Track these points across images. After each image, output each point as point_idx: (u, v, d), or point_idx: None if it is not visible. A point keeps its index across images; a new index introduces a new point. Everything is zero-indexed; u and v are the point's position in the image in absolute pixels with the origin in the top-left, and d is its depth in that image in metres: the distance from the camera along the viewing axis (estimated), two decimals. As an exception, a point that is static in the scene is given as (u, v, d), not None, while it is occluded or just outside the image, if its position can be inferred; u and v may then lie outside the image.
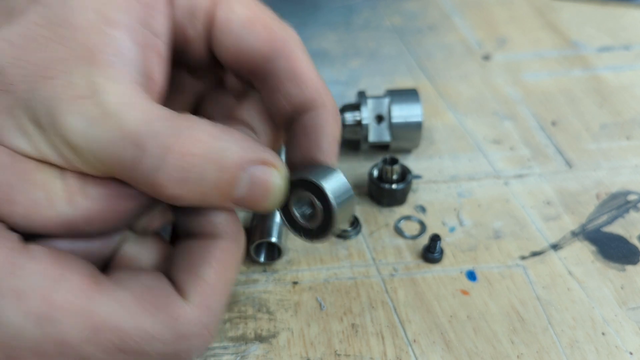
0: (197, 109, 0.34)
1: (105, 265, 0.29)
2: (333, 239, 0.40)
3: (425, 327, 0.35)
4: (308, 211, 0.28)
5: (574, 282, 0.37)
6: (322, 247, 0.40)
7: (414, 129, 0.45)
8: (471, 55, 0.59)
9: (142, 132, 0.24)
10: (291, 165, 0.29)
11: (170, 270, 0.27)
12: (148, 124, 0.24)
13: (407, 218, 0.42)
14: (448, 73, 0.56)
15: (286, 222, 0.29)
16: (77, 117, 0.24)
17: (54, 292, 0.23)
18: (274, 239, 0.37)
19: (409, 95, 0.45)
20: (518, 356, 0.33)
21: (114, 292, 0.24)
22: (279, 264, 0.39)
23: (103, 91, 0.24)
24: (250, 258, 0.39)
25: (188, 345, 0.25)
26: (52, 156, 0.25)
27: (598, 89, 0.54)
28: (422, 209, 0.43)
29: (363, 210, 0.43)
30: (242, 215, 0.42)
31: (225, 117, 0.32)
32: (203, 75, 0.34)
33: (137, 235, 0.29)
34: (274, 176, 0.26)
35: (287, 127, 0.31)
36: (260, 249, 0.39)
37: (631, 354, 0.33)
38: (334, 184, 0.27)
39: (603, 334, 0.35)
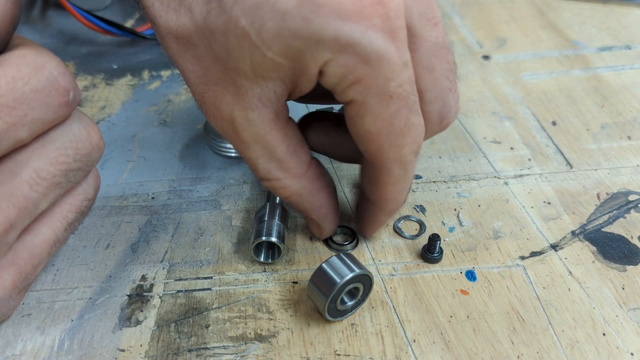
0: None
1: None
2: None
3: (424, 327, 0.35)
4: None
5: (574, 282, 0.37)
6: (322, 247, 0.40)
7: (414, 129, 0.45)
8: (471, 55, 0.59)
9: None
10: None
11: None
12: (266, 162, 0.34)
13: (407, 218, 0.42)
14: (448, 73, 0.56)
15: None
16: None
17: None
18: (274, 239, 0.37)
19: (408, 95, 0.45)
20: (518, 356, 0.33)
21: None
22: (279, 264, 0.39)
23: (239, 124, 0.32)
24: (250, 258, 0.39)
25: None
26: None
27: (598, 89, 0.54)
28: (422, 209, 0.43)
29: (363, 210, 0.43)
30: (242, 215, 0.42)
31: None
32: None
33: None
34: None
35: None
36: (260, 249, 0.39)
37: (632, 354, 0.33)
38: None
39: (604, 334, 0.34)
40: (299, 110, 0.42)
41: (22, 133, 0.27)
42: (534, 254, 0.39)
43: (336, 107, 0.47)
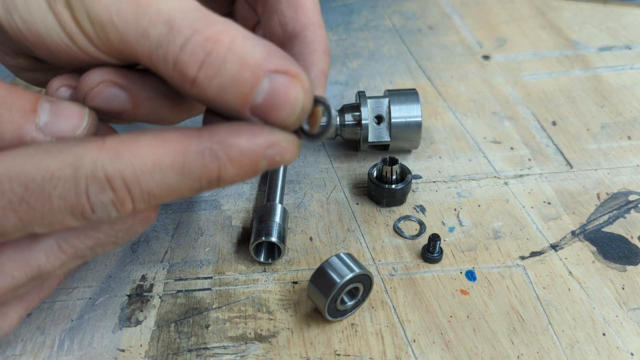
0: None
1: None
2: (331, 242, 0.40)
3: (424, 327, 0.35)
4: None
5: (574, 282, 0.37)
6: (322, 247, 0.40)
7: (414, 129, 0.45)
8: (471, 55, 0.59)
9: (174, 12, 0.24)
10: None
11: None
12: (182, 8, 0.25)
13: (407, 218, 0.42)
14: (448, 73, 0.56)
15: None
16: None
17: None
18: (274, 239, 0.37)
19: (408, 95, 0.45)
20: (518, 356, 0.33)
21: (22, 149, 0.25)
22: (279, 264, 0.39)
23: None
24: (250, 258, 0.39)
25: (87, 189, 0.25)
26: (77, 34, 0.26)
27: (598, 89, 0.54)
28: (422, 209, 0.43)
29: (363, 210, 0.43)
30: (242, 215, 0.42)
31: None
32: (217, 3, 0.34)
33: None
34: (295, 89, 0.25)
35: None
36: (260, 249, 0.39)
37: (632, 354, 0.33)
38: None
39: (604, 334, 0.34)
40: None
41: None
42: (534, 254, 0.39)
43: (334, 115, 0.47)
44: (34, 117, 0.26)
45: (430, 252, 0.39)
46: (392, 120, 0.45)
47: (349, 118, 0.45)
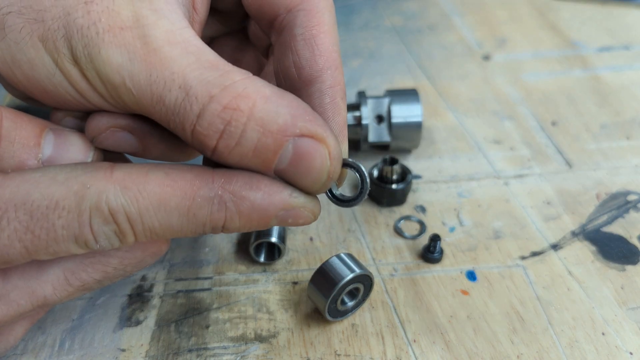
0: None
1: None
2: (331, 242, 0.40)
3: (425, 327, 0.35)
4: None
5: (574, 282, 0.37)
6: (322, 247, 0.40)
7: (414, 129, 0.45)
8: (471, 55, 0.59)
9: (190, 75, 0.22)
10: None
11: None
12: (197, 69, 0.23)
13: (407, 218, 0.42)
14: (448, 73, 0.56)
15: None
16: (117, 49, 0.22)
17: None
18: (274, 239, 0.37)
19: (408, 95, 0.45)
20: (518, 356, 0.33)
21: (28, 174, 0.24)
22: (279, 264, 0.39)
23: (148, 23, 0.23)
24: (250, 258, 0.39)
25: (90, 220, 0.24)
26: (88, 92, 0.24)
27: (598, 89, 0.54)
28: (422, 209, 0.43)
29: (363, 210, 0.43)
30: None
31: None
32: (228, 22, 0.32)
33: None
34: (321, 154, 0.24)
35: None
36: (260, 249, 0.39)
37: (631, 354, 0.33)
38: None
39: (603, 334, 0.35)
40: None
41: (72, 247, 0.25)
42: (534, 254, 0.39)
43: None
44: (37, 151, 0.25)
45: (431, 252, 0.39)
46: (393, 120, 0.45)
47: (349, 118, 0.45)
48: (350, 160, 0.26)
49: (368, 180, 0.27)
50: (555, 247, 0.40)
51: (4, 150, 0.25)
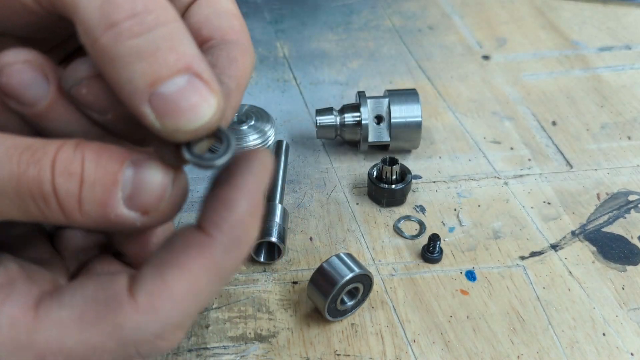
0: None
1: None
2: (331, 242, 0.40)
3: (424, 327, 0.35)
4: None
5: (574, 282, 0.37)
6: (322, 247, 0.40)
7: (414, 129, 0.45)
8: (471, 55, 0.59)
9: None
10: None
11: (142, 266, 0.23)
12: None
13: (407, 218, 0.42)
14: (448, 73, 0.56)
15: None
16: None
17: None
18: (274, 239, 0.37)
19: (408, 95, 0.45)
20: (518, 356, 0.33)
21: (55, 313, 0.22)
22: (279, 264, 0.39)
23: None
24: (250, 258, 0.39)
25: (137, 350, 0.22)
26: None
27: (598, 89, 0.54)
28: (422, 209, 0.43)
29: (363, 210, 0.43)
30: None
31: None
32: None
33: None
34: (209, 99, 0.21)
35: None
36: (260, 249, 0.39)
37: (632, 354, 0.33)
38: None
39: (604, 334, 0.34)
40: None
41: None
42: (534, 254, 0.39)
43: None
44: (116, 190, 0.22)
45: (430, 252, 0.39)
46: (392, 120, 0.45)
47: (349, 118, 0.45)
48: (222, 129, 0.23)
49: (233, 141, 0.23)
50: (555, 247, 0.40)
51: (86, 196, 0.22)
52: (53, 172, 0.21)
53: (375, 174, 0.43)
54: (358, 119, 0.45)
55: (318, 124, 0.45)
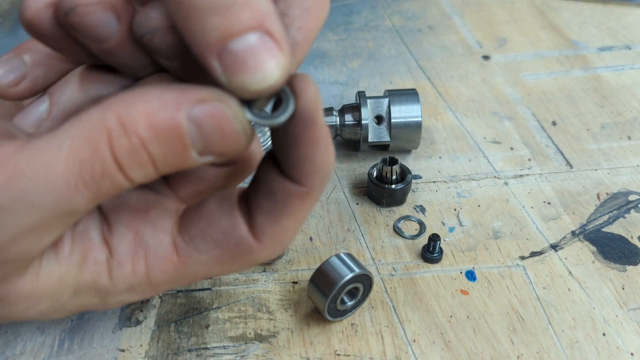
0: None
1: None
2: (331, 242, 0.40)
3: (424, 327, 0.35)
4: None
5: (574, 282, 0.37)
6: (322, 247, 0.40)
7: (414, 129, 0.45)
8: (471, 55, 0.59)
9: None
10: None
11: (252, 209, 0.26)
12: None
13: (407, 218, 0.42)
14: (448, 73, 0.56)
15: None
16: None
17: None
18: (273, 239, 0.37)
19: (408, 95, 0.45)
20: (518, 356, 0.33)
21: (196, 257, 0.26)
22: (279, 264, 0.39)
23: None
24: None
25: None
26: None
27: (598, 89, 0.54)
28: (422, 209, 0.43)
29: (363, 210, 0.43)
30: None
31: None
32: None
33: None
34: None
35: None
36: (259, 249, 0.39)
37: (632, 354, 0.33)
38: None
39: (604, 334, 0.34)
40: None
41: None
42: (534, 254, 0.39)
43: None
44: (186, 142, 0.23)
45: (430, 252, 0.39)
46: (392, 120, 0.45)
47: (349, 118, 0.45)
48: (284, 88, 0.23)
49: (293, 100, 0.23)
50: (555, 247, 0.40)
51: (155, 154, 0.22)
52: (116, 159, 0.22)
53: (375, 174, 0.43)
54: (358, 119, 0.45)
55: (318, 124, 0.45)
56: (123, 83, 0.27)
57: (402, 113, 0.45)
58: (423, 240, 0.40)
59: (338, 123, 0.45)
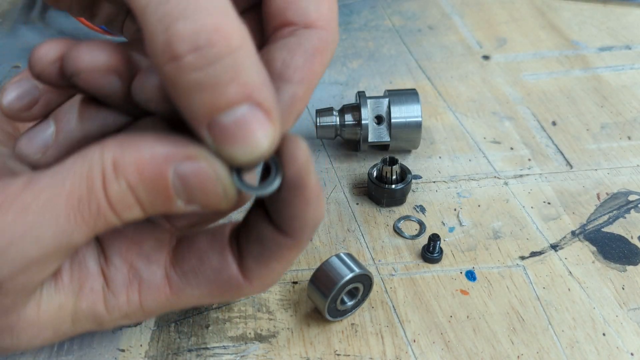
0: None
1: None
2: (331, 242, 0.40)
3: (424, 327, 0.35)
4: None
5: (574, 282, 0.37)
6: (322, 247, 0.40)
7: (414, 129, 0.45)
8: (471, 55, 0.59)
9: None
10: None
11: (242, 251, 0.28)
12: None
13: (407, 218, 0.42)
14: (448, 73, 0.56)
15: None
16: None
17: None
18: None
19: (408, 95, 0.45)
20: (518, 356, 0.33)
21: (189, 292, 0.28)
22: (279, 264, 0.39)
23: None
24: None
25: None
26: None
27: (598, 89, 0.54)
28: (422, 209, 0.43)
29: (363, 210, 0.43)
30: (242, 214, 0.42)
31: None
32: None
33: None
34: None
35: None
36: (259, 249, 0.39)
37: (632, 354, 0.33)
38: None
39: (604, 334, 0.34)
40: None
41: None
42: (534, 254, 0.39)
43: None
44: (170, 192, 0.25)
45: (430, 252, 0.39)
46: (392, 120, 0.45)
47: (349, 118, 0.45)
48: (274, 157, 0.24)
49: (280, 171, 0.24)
50: (555, 247, 0.40)
51: (143, 199, 0.24)
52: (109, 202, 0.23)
53: (375, 174, 0.43)
54: (358, 119, 0.45)
55: (318, 124, 0.45)
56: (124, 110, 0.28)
57: (402, 113, 0.45)
58: (423, 240, 0.40)
59: (338, 123, 0.45)
